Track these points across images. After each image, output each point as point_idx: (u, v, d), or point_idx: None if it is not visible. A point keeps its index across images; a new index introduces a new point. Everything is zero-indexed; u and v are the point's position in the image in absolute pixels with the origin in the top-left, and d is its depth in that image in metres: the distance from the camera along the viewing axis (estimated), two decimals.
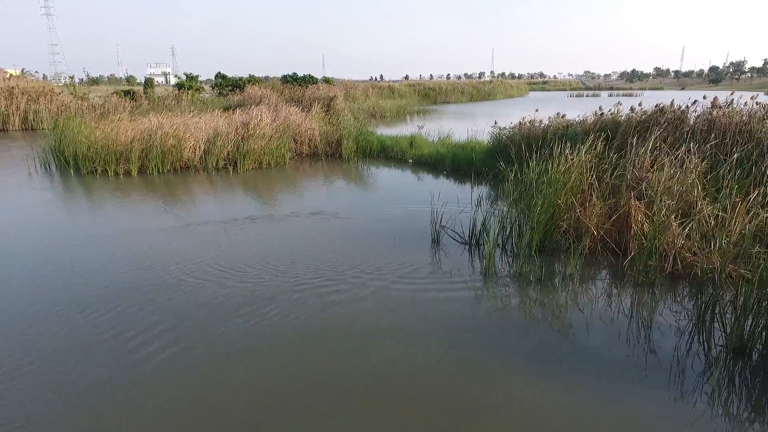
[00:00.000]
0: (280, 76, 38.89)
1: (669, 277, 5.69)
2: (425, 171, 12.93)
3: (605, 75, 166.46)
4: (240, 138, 13.91)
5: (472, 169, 12.21)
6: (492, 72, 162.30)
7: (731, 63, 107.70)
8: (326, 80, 40.35)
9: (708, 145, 7.82)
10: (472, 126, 17.35)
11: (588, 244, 6.38)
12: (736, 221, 5.76)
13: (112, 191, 10.89)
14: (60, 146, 13.70)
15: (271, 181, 12.07)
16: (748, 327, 4.18)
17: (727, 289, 5.08)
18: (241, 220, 8.51)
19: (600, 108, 10.82)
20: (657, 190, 6.48)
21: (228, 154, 13.53)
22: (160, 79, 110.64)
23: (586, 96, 67.61)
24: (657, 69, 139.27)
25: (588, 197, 6.58)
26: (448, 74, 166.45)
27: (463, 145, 13.94)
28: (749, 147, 7.70)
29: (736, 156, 7.12)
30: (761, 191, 6.20)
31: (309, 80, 36.92)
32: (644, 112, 9.93)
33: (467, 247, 6.98)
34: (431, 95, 51.42)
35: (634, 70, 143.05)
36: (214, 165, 13.16)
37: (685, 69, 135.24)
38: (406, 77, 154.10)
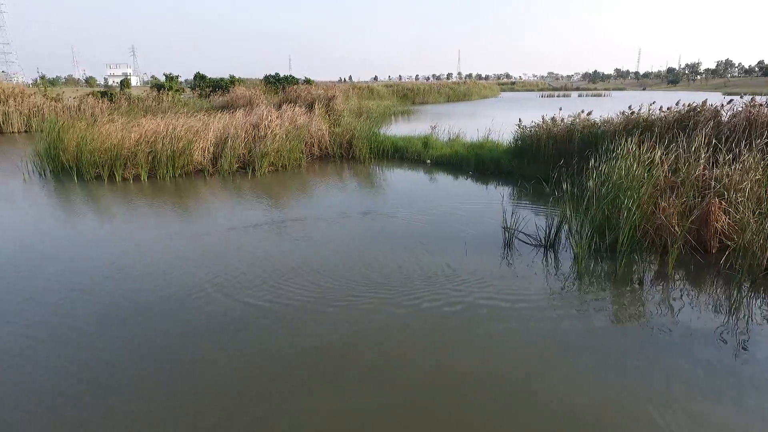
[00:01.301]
0: (252, 77, 38.33)
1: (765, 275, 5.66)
2: (447, 172, 12.71)
3: (568, 76, 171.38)
4: (251, 139, 13.35)
5: (498, 169, 12.12)
6: (460, 73, 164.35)
7: (687, 65, 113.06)
8: (307, 81, 39.56)
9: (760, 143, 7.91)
10: (468, 126, 17.38)
11: (669, 242, 6.30)
12: None
13: (132, 198, 10.15)
14: (55, 150, 12.77)
15: (297, 184, 11.58)
16: None
17: None
18: (288, 222, 8.08)
19: (630, 107, 10.90)
20: (730, 187, 6.51)
21: (240, 156, 12.94)
22: (121, 80, 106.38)
23: (557, 96, 69.18)
24: (617, 70, 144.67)
25: (666, 195, 6.51)
26: (417, 75, 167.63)
27: (481, 145, 13.82)
28: None
29: None
30: None
31: (291, 81, 36.19)
32: (678, 111, 10.07)
33: (542, 249, 6.79)
34: (409, 96, 51.49)
35: (595, 71, 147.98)
36: (228, 168, 12.52)
37: (642, 70, 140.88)
38: (375, 78, 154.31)
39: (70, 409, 3.58)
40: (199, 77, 33.38)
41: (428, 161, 13.88)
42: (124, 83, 32.99)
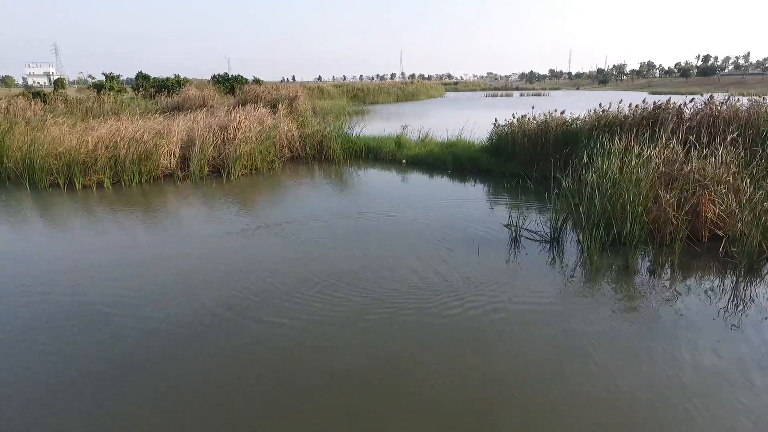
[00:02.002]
0: (193, 77, 36.93)
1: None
2: (424, 171, 12.73)
3: (506, 76, 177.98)
4: (219, 142, 12.75)
5: (476, 167, 12.31)
6: (403, 73, 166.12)
7: (614, 66, 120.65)
8: (257, 81, 38.42)
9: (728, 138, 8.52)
10: (429, 124, 17.67)
11: (666, 234, 6.64)
12: None
13: (94, 207, 9.35)
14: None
15: (277, 186, 11.17)
16: None
17: None
18: (284, 224, 7.79)
19: (600, 105, 11.42)
20: (713, 179, 6.96)
21: (210, 159, 12.32)
22: (43, 80, 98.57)
23: (501, 96, 71.49)
24: (551, 71, 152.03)
25: (662, 189, 6.85)
26: (361, 75, 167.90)
27: (454, 144, 13.99)
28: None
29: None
30: None
31: (241, 81, 35.03)
32: (645, 108, 10.68)
33: (545, 244, 6.94)
34: (360, 96, 51.52)
35: (531, 71, 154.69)
36: (199, 172, 11.87)
37: (573, 71, 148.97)
38: (319, 78, 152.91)
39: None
40: (142, 77, 31.53)
41: (404, 161, 13.86)
42: (59, 83, 30.46)
